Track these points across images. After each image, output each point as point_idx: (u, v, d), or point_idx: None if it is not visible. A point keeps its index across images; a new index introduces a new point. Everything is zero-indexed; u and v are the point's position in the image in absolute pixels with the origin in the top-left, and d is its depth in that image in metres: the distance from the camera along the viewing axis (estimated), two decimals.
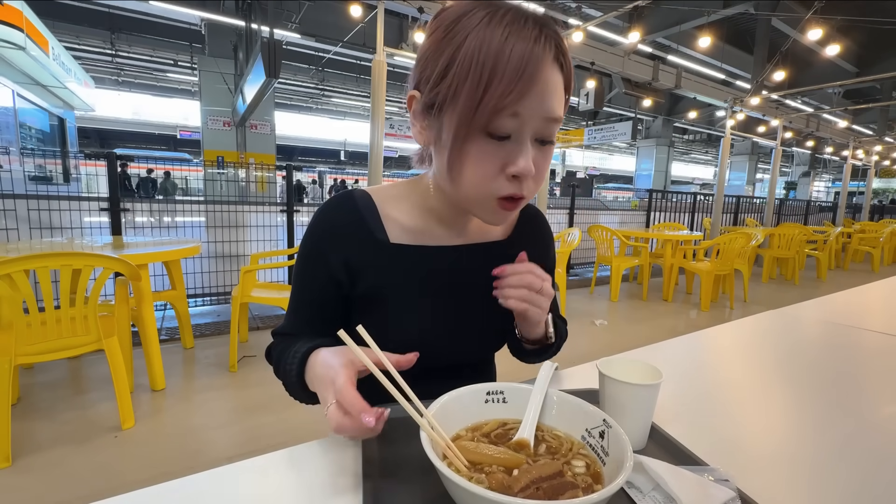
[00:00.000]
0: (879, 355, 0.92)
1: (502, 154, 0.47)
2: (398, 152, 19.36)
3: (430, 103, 0.49)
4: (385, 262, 0.59)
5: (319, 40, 7.92)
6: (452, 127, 0.46)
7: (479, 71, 0.43)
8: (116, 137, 18.60)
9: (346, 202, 0.60)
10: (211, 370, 2.37)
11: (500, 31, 0.43)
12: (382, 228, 0.59)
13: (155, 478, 1.50)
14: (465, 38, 0.44)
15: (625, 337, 3.27)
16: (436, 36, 0.48)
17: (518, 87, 0.43)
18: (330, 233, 0.59)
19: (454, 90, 0.45)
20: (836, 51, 5.75)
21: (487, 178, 0.48)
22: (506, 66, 0.42)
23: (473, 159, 0.47)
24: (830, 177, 24.89)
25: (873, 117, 13.06)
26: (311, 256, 0.60)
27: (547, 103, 0.46)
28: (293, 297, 0.62)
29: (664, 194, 6.71)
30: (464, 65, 0.44)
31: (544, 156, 0.50)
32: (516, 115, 0.45)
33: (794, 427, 0.61)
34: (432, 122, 0.50)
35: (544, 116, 0.46)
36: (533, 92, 0.44)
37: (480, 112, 0.44)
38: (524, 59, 0.43)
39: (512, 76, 0.43)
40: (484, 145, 0.47)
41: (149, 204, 3.30)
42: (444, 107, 0.47)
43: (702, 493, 0.40)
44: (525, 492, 0.36)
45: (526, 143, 0.47)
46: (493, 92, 0.43)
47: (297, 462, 0.47)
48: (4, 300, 1.48)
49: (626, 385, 0.48)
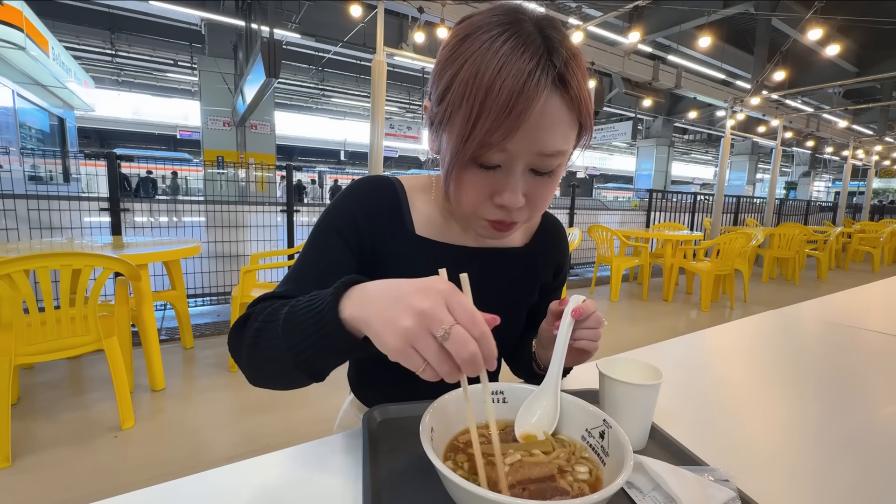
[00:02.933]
0: (880, 355, 0.92)
1: (491, 183, 0.48)
2: (398, 152, 19.35)
3: (432, 120, 0.50)
4: (409, 253, 0.58)
5: (319, 40, 7.91)
6: (447, 153, 0.47)
7: (470, 104, 0.43)
8: (116, 137, 18.59)
9: (385, 186, 0.60)
10: (211, 370, 2.37)
11: (494, 62, 0.42)
12: (411, 219, 0.59)
13: (155, 478, 1.50)
14: (464, 63, 0.44)
15: (625, 337, 3.27)
16: (446, 51, 0.47)
17: (504, 124, 0.42)
18: (365, 210, 0.57)
19: (449, 116, 0.46)
20: (836, 51, 5.74)
21: (477, 204, 0.49)
22: (493, 102, 0.41)
23: (465, 185, 0.48)
24: (830, 177, 24.88)
25: (873, 117, 13.05)
26: (335, 229, 0.56)
27: (539, 140, 0.44)
28: (299, 263, 0.56)
29: (664, 194, 6.71)
30: (457, 92, 0.44)
31: (543, 185, 0.49)
32: (504, 150, 0.45)
33: (795, 427, 0.61)
34: (436, 137, 0.51)
35: (535, 152, 0.45)
36: (521, 129, 0.43)
37: (469, 145, 0.44)
38: (512, 95, 0.41)
39: (498, 114, 0.42)
40: (475, 173, 0.47)
41: (149, 204, 3.30)
42: (442, 129, 0.48)
43: (702, 494, 0.40)
44: (511, 490, 0.36)
45: (514, 176, 0.47)
46: (480, 127, 0.43)
47: (297, 462, 0.47)
48: (4, 300, 1.48)
49: (627, 385, 0.48)
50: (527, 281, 0.66)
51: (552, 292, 0.71)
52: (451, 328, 0.32)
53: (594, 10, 8.03)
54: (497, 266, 0.63)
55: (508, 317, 0.63)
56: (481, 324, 0.33)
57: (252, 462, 0.47)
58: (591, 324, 0.52)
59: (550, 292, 0.70)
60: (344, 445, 0.50)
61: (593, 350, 0.53)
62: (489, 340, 0.33)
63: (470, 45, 0.44)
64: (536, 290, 0.68)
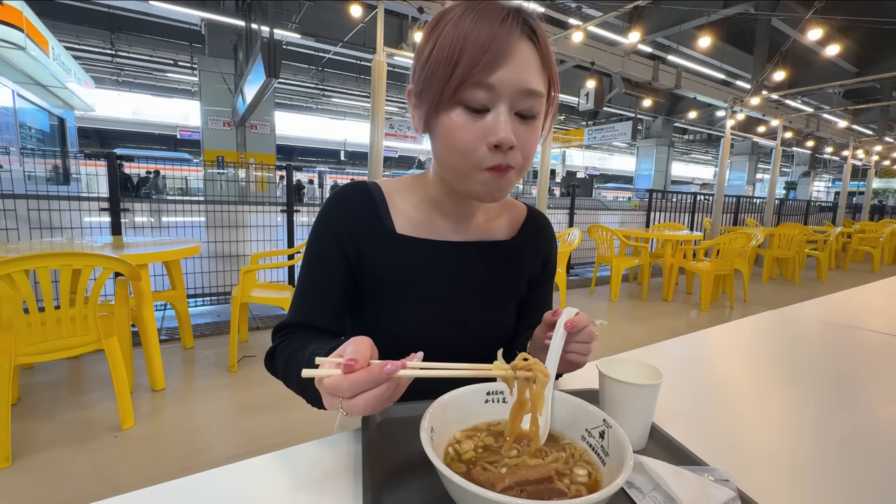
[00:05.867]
0: (879, 355, 0.92)
1: (481, 125, 0.50)
2: (398, 152, 19.35)
3: (418, 91, 0.53)
4: (391, 251, 0.60)
5: (319, 40, 7.91)
6: (433, 99, 0.50)
7: (450, 52, 0.48)
8: (116, 137, 18.59)
9: (359, 190, 0.62)
10: (211, 370, 2.37)
11: (470, 18, 0.48)
12: (390, 219, 0.61)
13: (155, 478, 1.50)
14: (442, 29, 0.50)
15: (625, 337, 3.27)
16: (423, 38, 0.53)
17: (484, 59, 0.47)
18: (344, 220, 0.60)
19: (432, 72, 0.50)
20: (836, 51, 5.74)
21: (470, 149, 0.51)
22: (473, 43, 0.47)
23: (455, 130, 0.50)
24: (830, 177, 24.87)
25: (873, 117, 13.04)
26: (325, 239, 0.60)
27: (518, 75, 0.48)
28: (302, 281, 0.61)
29: (664, 194, 6.71)
30: (440, 50, 0.49)
31: (528, 129, 0.52)
32: (489, 87, 0.48)
33: (795, 427, 0.61)
34: (420, 105, 0.54)
35: (517, 88, 0.49)
36: (501, 64, 0.47)
37: (451, 83, 0.48)
38: (490, 35, 0.47)
39: (478, 50, 0.47)
40: (462, 117, 0.50)
41: (149, 204, 3.30)
42: (426, 89, 0.51)
43: (702, 494, 0.40)
44: (508, 492, 0.36)
45: (503, 115, 0.49)
46: (462, 66, 0.47)
47: (298, 462, 0.47)
48: (4, 300, 1.48)
49: (627, 385, 0.48)
50: (513, 273, 0.67)
51: (542, 284, 0.72)
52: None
53: (594, 10, 8.03)
54: (481, 259, 0.64)
55: (496, 310, 0.65)
56: (356, 352, 0.38)
57: (252, 462, 0.47)
58: (582, 338, 0.52)
59: (540, 284, 0.71)
60: (344, 445, 0.50)
61: (582, 363, 0.54)
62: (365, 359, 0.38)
63: (447, 16, 0.51)
64: (524, 283, 0.69)
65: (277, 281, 3.47)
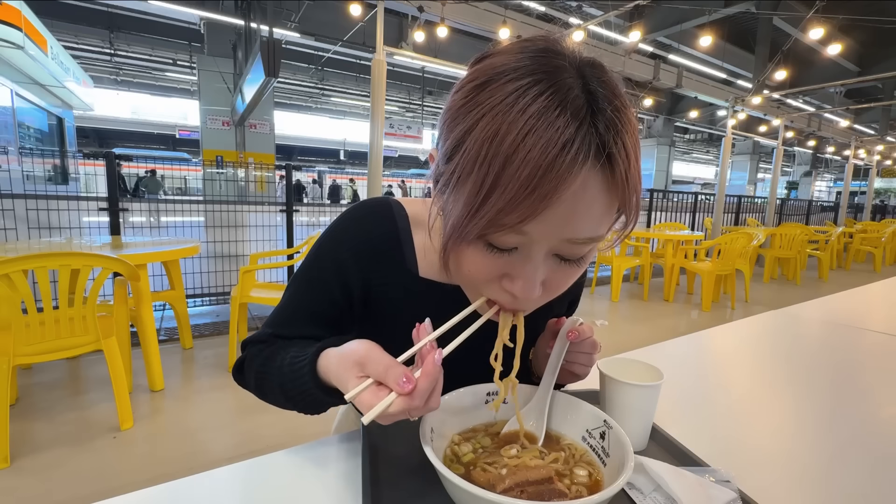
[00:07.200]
0: (881, 355, 0.92)
1: (502, 265, 0.38)
2: (398, 152, 19.34)
3: (437, 179, 0.41)
4: (408, 297, 0.53)
5: (319, 39, 7.91)
6: (450, 222, 0.38)
7: (483, 172, 0.33)
8: (115, 137, 18.59)
9: (378, 214, 0.53)
10: (210, 371, 2.36)
11: (520, 123, 0.32)
12: (413, 254, 0.53)
13: (154, 478, 1.50)
14: (480, 117, 0.34)
15: (626, 337, 3.27)
16: (460, 96, 0.37)
17: (522, 206, 0.32)
18: (354, 248, 0.51)
19: (456, 180, 0.36)
20: (837, 50, 5.74)
21: (480, 283, 0.41)
22: (513, 176, 0.32)
23: (468, 263, 0.39)
24: (832, 176, 24.86)
25: (875, 117, 13.05)
26: (326, 265, 0.52)
27: (566, 227, 0.35)
28: (291, 299, 0.54)
29: (665, 194, 6.70)
30: (469, 155, 0.34)
31: (566, 273, 0.39)
32: (521, 233, 0.35)
33: (796, 428, 0.60)
34: (440, 198, 0.41)
35: (562, 238, 0.36)
36: (545, 213, 0.33)
37: (475, 222, 0.35)
38: (538, 171, 0.31)
39: (517, 191, 0.32)
40: (482, 253, 0.38)
41: (148, 204, 3.29)
42: (447, 192, 0.38)
43: (703, 494, 0.40)
44: (509, 493, 0.36)
45: (532, 263, 0.37)
46: (492, 204, 0.33)
47: (297, 462, 0.47)
48: (3, 300, 1.48)
49: (627, 385, 0.48)
50: (539, 318, 0.58)
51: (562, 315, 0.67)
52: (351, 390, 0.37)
53: (595, 9, 8.04)
54: None
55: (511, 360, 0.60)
56: (378, 362, 0.37)
57: (252, 462, 0.47)
58: (585, 348, 0.50)
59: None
60: (343, 446, 0.50)
61: (584, 374, 0.52)
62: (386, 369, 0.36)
63: (490, 94, 0.34)
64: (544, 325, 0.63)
65: (277, 281, 3.47)
